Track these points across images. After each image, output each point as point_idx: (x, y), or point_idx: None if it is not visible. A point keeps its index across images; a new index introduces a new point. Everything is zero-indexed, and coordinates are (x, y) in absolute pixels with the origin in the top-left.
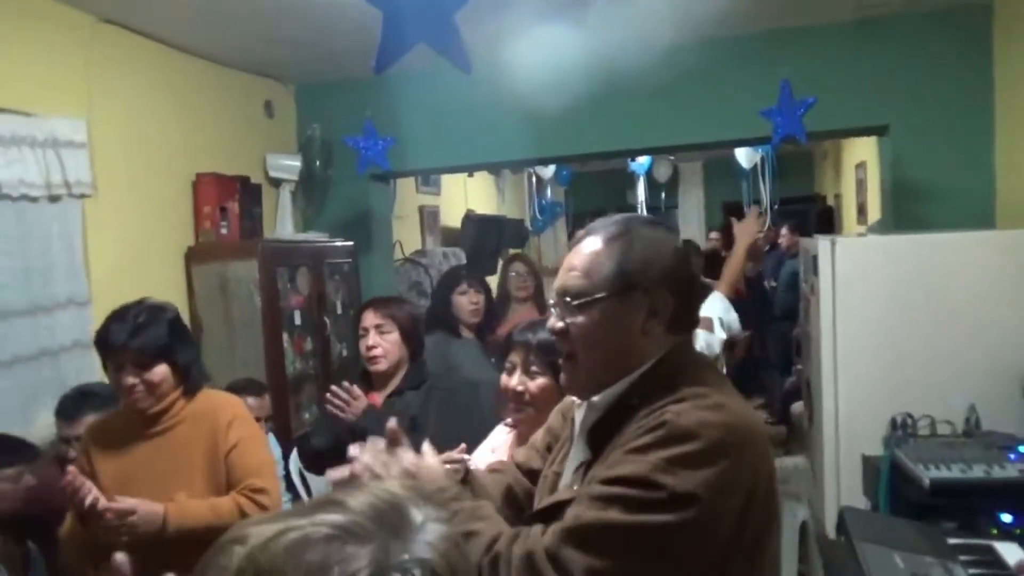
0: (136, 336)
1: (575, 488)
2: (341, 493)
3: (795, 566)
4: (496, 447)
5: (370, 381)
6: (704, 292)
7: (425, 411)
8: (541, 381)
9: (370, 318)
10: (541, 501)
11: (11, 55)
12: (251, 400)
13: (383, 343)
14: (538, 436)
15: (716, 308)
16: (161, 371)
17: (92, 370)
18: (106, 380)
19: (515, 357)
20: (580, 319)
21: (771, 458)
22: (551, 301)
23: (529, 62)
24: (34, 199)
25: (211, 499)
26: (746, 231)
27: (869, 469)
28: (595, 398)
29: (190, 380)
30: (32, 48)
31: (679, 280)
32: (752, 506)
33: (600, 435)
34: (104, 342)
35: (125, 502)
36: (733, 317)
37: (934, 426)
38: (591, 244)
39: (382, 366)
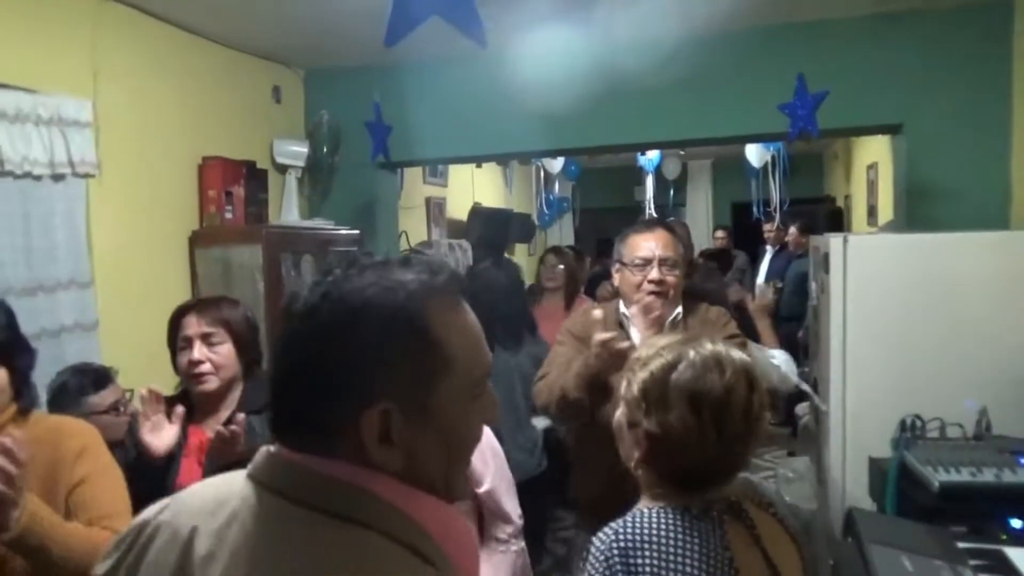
0: None
1: None
2: None
3: None
4: None
5: (189, 406)
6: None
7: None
8: None
9: (194, 325)
10: None
11: (17, 31)
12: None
13: (213, 357)
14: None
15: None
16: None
17: (93, 351)
18: (104, 362)
19: None
20: (671, 276)
21: None
22: (655, 263)
23: (539, 54)
24: (37, 177)
25: (79, 525)
26: (761, 311)
27: (876, 471)
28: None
29: (25, 396)
30: (38, 24)
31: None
32: None
33: None
34: None
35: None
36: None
37: (944, 429)
38: (666, 233)
39: (212, 386)
